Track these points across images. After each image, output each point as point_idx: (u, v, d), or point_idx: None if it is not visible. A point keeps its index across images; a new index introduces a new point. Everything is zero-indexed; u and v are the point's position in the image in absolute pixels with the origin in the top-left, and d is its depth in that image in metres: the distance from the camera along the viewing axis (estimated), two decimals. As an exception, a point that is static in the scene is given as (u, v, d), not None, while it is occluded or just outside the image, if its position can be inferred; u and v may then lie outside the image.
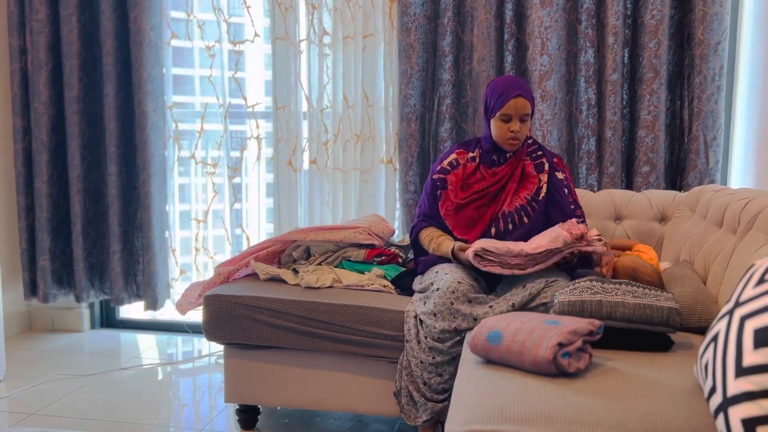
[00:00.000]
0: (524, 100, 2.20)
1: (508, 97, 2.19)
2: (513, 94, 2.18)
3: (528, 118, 2.23)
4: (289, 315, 2.22)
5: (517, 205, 2.26)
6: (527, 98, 2.21)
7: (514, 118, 2.21)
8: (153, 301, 3.33)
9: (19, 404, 2.59)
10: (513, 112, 2.20)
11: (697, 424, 1.27)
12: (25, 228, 3.34)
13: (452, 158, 2.35)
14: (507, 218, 2.25)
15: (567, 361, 1.47)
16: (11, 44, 3.24)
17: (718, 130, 2.73)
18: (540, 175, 2.28)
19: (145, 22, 3.14)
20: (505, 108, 2.19)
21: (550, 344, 1.46)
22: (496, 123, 2.24)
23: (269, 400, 2.34)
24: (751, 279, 1.23)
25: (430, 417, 2.05)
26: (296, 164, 3.14)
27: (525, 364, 1.50)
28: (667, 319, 1.65)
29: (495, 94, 2.23)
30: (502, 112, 2.20)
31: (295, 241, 2.56)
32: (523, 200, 2.26)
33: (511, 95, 2.19)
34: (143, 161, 3.23)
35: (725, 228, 2.07)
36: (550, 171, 2.30)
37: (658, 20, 2.70)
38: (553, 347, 1.46)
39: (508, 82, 2.24)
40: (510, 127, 2.21)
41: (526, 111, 2.21)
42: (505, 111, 2.20)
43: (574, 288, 1.76)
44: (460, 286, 2.01)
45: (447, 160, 2.36)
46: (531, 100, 2.23)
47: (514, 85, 2.21)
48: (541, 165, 2.30)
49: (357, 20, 3.00)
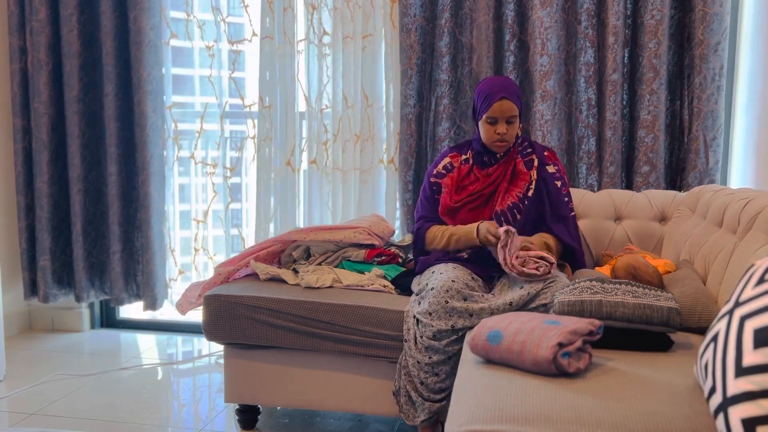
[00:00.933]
0: (509, 103, 2.20)
1: (493, 99, 2.19)
2: (497, 97, 2.19)
3: (515, 119, 2.23)
4: (289, 315, 2.22)
5: (509, 203, 2.28)
6: (512, 100, 2.20)
7: (500, 121, 2.21)
8: (152, 301, 3.33)
9: (19, 404, 2.59)
10: (498, 114, 2.20)
11: (697, 424, 1.27)
12: (26, 228, 3.34)
13: (446, 162, 2.37)
14: (500, 217, 2.27)
15: (567, 361, 1.47)
16: (11, 44, 3.24)
17: (718, 130, 2.73)
18: (530, 172, 2.30)
19: (144, 22, 3.14)
20: (490, 111, 2.20)
21: (550, 344, 1.46)
22: (483, 126, 2.25)
23: (269, 400, 2.34)
24: (751, 279, 1.23)
25: (428, 417, 2.05)
26: (295, 164, 3.14)
27: (525, 364, 1.50)
28: (667, 320, 1.65)
29: (481, 97, 2.24)
30: (488, 114, 2.21)
31: (295, 241, 2.56)
32: (515, 198, 2.28)
33: (496, 98, 2.19)
34: (143, 161, 3.23)
35: (725, 228, 2.07)
36: (539, 166, 2.31)
37: (658, 20, 2.70)
38: (553, 347, 1.46)
39: (494, 84, 2.24)
40: (497, 129, 2.22)
41: (512, 113, 2.21)
42: (491, 114, 2.21)
43: (574, 288, 1.77)
44: (455, 285, 2.02)
45: (441, 163, 2.38)
46: (517, 100, 2.23)
47: (499, 87, 2.21)
48: (531, 161, 2.32)
49: (357, 20, 3.00)
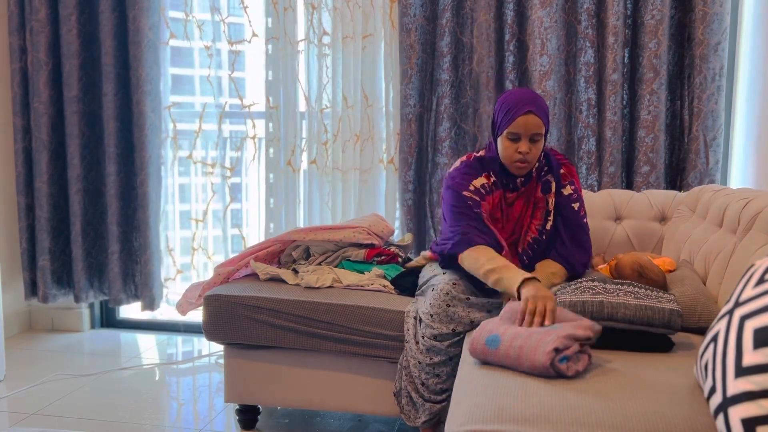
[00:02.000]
0: (536, 118, 1.94)
1: (518, 113, 1.94)
2: (523, 110, 1.93)
3: (540, 138, 1.97)
4: (289, 315, 2.22)
5: (530, 239, 2.11)
6: (540, 116, 1.95)
7: (523, 138, 1.96)
8: (150, 302, 3.32)
9: (19, 404, 2.59)
10: (522, 130, 1.95)
11: (697, 424, 1.27)
12: (26, 228, 3.34)
13: (483, 182, 2.07)
14: (522, 257, 2.12)
15: (565, 365, 1.47)
16: (11, 44, 3.24)
17: (718, 130, 2.73)
18: (546, 197, 2.10)
19: (143, 21, 3.14)
20: (513, 125, 1.95)
21: (547, 350, 1.46)
22: (503, 142, 2.00)
23: (269, 400, 2.34)
24: (751, 279, 1.23)
25: (429, 418, 2.04)
26: (295, 164, 3.14)
27: (523, 368, 1.50)
28: (668, 321, 1.65)
29: (504, 109, 1.99)
30: (510, 129, 1.96)
31: (294, 241, 2.56)
32: (535, 232, 2.10)
33: (522, 111, 1.93)
34: (141, 161, 3.23)
35: (725, 228, 2.07)
36: (556, 189, 2.10)
37: (658, 20, 2.70)
38: (550, 353, 1.45)
39: (520, 96, 1.98)
40: (518, 147, 1.97)
41: (537, 130, 1.96)
42: (513, 129, 1.95)
43: (575, 288, 1.76)
44: (455, 288, 1.97)
45: (477, 181, 2.07)
46: (544, 117, 1.97)
47: (526, 100, 1.96)
48: (548, 184, 2.10)
49: (357, 20, 3.00)
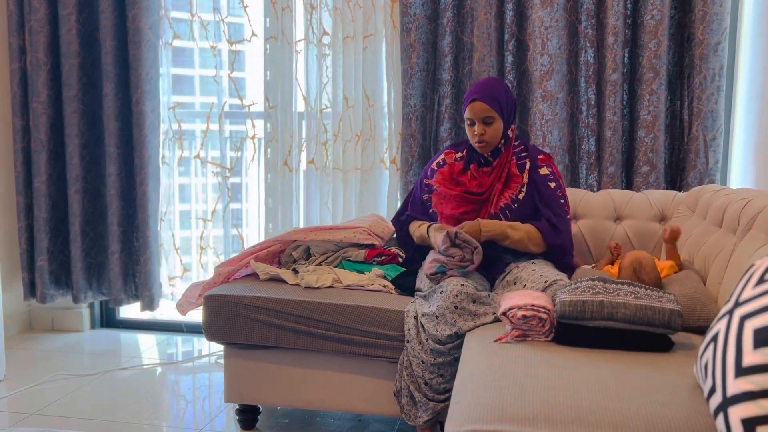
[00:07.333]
0: (481, 104, 2.24)
1: (467, 101, 2.28)
2: (470, 99, 2.26)
3: (493, 120, 2.27)
4: (289, 315, 2.22)
5: (501, 204, 2.31)
6: (485, 101, 2.24)
7: (477, 122, 2.27)
8: (150, 302, 3.32)
9: (19, 404, 2.59)
10: (473, 115, 2.26)
11: (697, 424, 1.27)
12: (25, 228, 3.33)
13: (440, 159, 2.45)
14: (493, 219, 2.28)
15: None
16: (11, 44, 3.23)
17: (718, 130, 2.73)
18: (522, 174, 2.33)
19: (143, 21, 3.14)
20: (466, 113, 2.29)
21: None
22: (466, 127, 2.33)
23: (269, 400, 2.34)
24: (751, 279, 1.23)
25: (431, 417, 2.05)
26: (292, 164, 3.14)
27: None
28: (668, 321, 1.65)
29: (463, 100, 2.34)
30: (466, 116, 2.30)
31: (295, 241, 2.56)
32: (508, 199, 2.31)
33: (469, 100, 2.27)
34: (141, 161, 3.22)
35: (725, 228, 2.07)
36: (531, 168, 2.33)
37: (658, 20, 2.70)
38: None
39: (474, 86, 2.30)
40: (475, 130, 2.28)
41: (486, 114, 2.25)
42: (467, 115, 2.28)
43: (575, 288, 1.76)
44: (464, 288, 2.02)
45: (436, 161, 2.46)
46: (492, 101, 2.25)
47: (475, 89, 2.28)
48: (524, 164, 2.34)
49: (357, 20, 3.00)
